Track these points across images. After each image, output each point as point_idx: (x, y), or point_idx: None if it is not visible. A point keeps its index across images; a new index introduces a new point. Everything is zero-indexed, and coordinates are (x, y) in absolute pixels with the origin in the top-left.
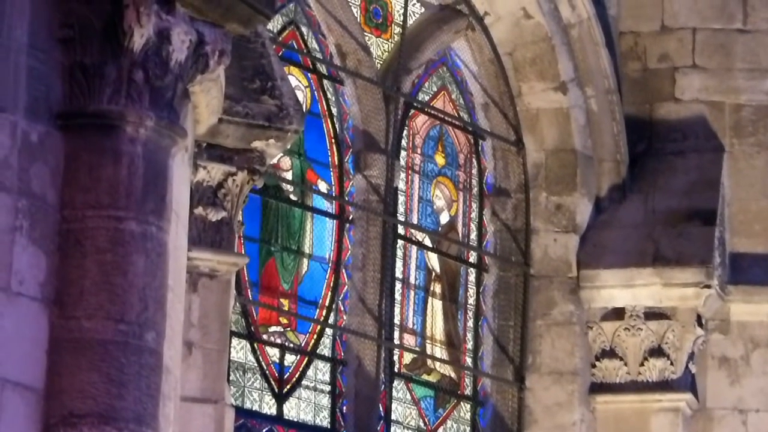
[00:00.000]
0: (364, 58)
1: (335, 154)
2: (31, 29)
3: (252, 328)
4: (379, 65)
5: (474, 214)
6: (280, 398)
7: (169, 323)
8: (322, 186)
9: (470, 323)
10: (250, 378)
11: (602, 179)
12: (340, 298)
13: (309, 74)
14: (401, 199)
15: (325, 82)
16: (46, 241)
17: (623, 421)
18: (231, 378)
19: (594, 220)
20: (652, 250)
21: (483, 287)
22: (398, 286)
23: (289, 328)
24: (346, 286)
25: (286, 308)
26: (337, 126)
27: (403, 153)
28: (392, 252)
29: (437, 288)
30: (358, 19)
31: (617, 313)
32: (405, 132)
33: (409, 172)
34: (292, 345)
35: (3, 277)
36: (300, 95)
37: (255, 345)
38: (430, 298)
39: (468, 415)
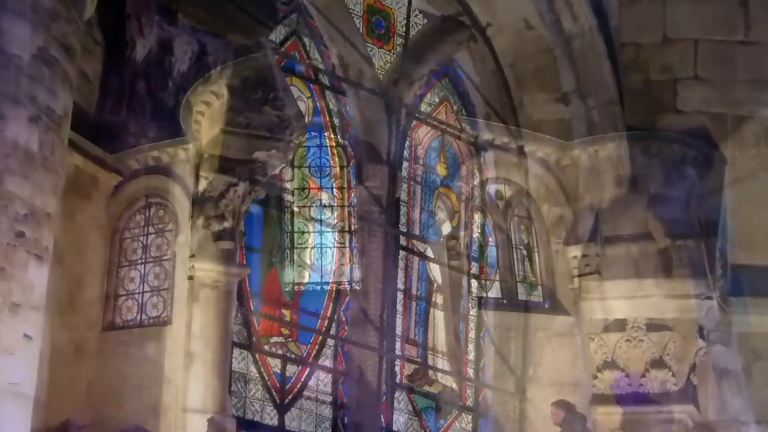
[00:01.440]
0: (367, 69)
1: (337, 164)
2: (34, 38)
3: (253, 339)
4: (381, 76)
5: (476, 225)
6: (282, 409)
7: (171, 334)
8: (324, 197)
9: (472, 334)
10: (252, 388)
11: (604, 191)
12: (342, 309)
13: (311, 85)
14: (403, 209)
15: (327, 92)
16: (48, 250)
17: None
18: (232, 388)
19: (595, 232)
20: (654, 262)
21: (485, 298)
22: (400, 297)
23: (290, 339)
24: (348, 297)
25: (287, 319)
26: (338, 137)
27: (404, 164)
28: (394, 263)
29: (439, 299)
30: (361, 30)
31: (619, 325)
32: (407, 143)
33: (411, 182)
34: (293, 355)
35: (4, 286)
36: (302, 106)
37: (256, 355)
38: (431, 309)
39: (469, 426)
